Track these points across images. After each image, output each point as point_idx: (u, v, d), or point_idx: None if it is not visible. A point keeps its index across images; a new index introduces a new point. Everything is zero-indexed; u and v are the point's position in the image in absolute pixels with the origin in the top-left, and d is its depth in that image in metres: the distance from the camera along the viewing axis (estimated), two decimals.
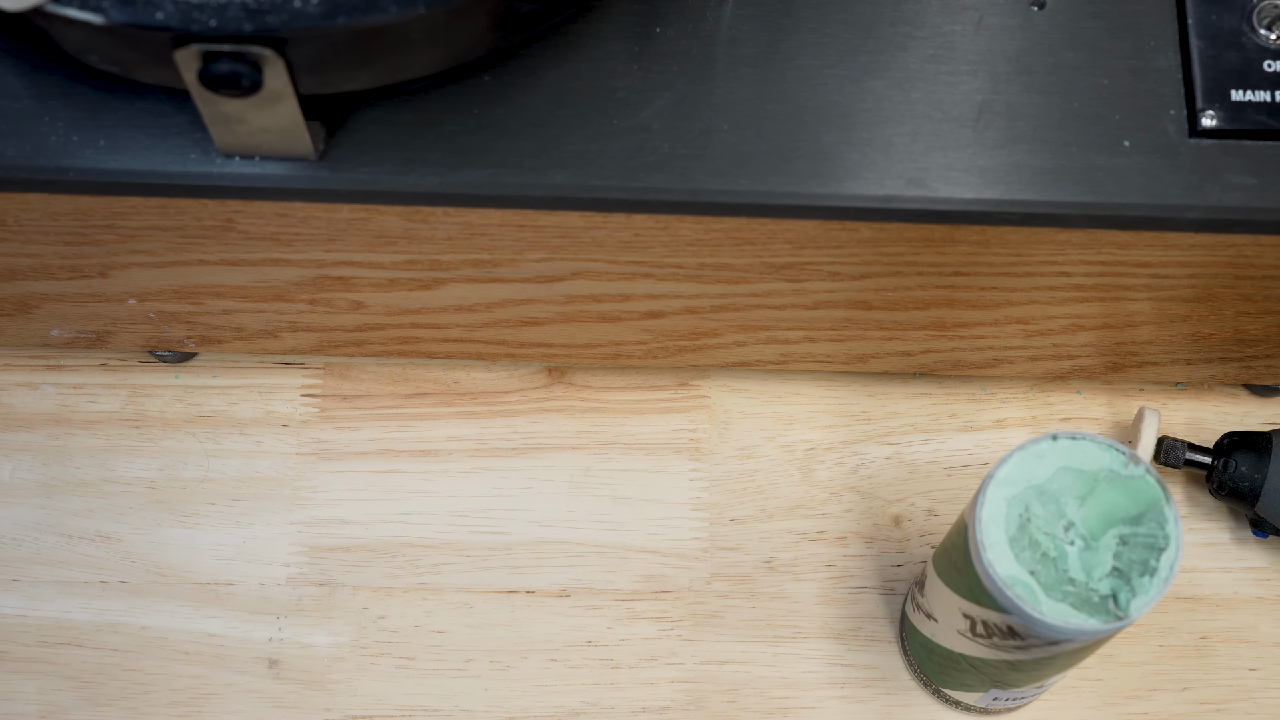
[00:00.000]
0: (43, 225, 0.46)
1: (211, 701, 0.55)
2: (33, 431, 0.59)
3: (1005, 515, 0.42)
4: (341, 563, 0.57)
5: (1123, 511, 0.42)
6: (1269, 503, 0.53)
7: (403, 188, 0.42)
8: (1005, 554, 0.41)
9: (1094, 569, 0.41)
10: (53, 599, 0.56)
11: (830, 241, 0.46)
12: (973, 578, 0.42)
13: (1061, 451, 0.42)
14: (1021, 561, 0.41)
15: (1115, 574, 0.41)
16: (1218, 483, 0.54)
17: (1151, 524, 0.41)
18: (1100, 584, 0.41)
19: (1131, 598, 0.41)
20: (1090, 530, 0.41)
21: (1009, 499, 0.42)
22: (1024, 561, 0.41)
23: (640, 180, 0.42)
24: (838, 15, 0.44)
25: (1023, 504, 0.42)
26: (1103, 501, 0.42)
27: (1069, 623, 0.41)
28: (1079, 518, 0.42)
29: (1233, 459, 0.53)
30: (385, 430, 0.59)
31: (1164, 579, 0.41)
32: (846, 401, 0.60)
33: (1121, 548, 0.41)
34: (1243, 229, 0.44)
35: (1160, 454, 0.55)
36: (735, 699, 0.56)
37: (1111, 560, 0.41)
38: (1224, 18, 0.44)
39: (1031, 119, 0.44)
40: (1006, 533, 0.41)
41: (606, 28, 0.44)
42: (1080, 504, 0.42)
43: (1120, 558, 0.41)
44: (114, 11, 0.36)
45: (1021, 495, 0.42)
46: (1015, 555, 0.41)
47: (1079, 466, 0.42)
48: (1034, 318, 0.52)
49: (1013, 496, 0.42)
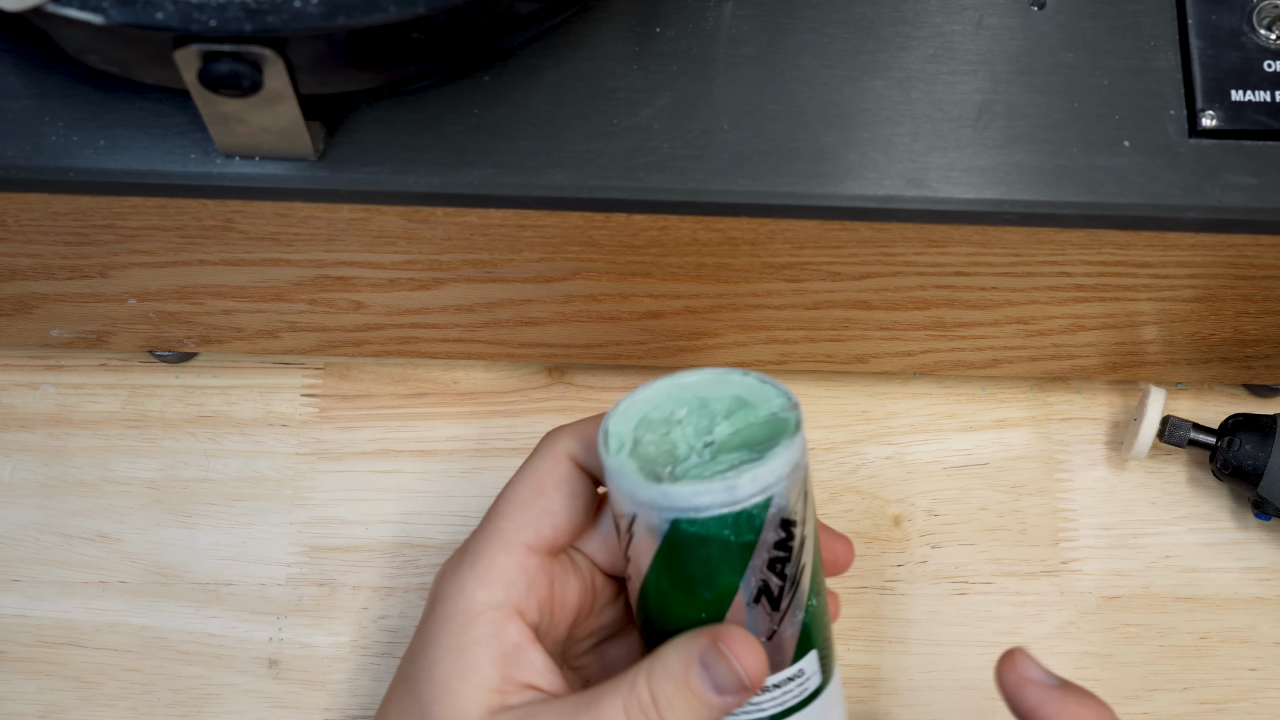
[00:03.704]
0: (43, 225, 0.46)
1: (211, 701, 0.55)
2: (33, 431, 0.59)
3: (656, 412, 0.42)
4: (341, 563, 0.57)
5: (759, 440, 0.41)
6: (1272, 482, 0.53)
7: (403, 188, 0.42)
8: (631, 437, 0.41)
9: (712, 466, 0.41)
10: (53, 599, 0.56)
11: (830, 241, 0.46)
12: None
13: (735, 384, 0.42)
14: (647, 448, 0.41)
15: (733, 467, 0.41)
16: (1221, 462, 0.54)
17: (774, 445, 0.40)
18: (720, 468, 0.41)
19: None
20: (723, 446, 0.41)
21: (670, 398, 0.42)
22: (650, 451, 0.41)
23: (640, 180, 0.42)
24: (838, 15, 0.44)
25: (680, 407, 0.42)
26: (747, 432, 0.41)
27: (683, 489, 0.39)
28: (720, 437, 0.41)
29: (1237, 438, 0.54)
30: (385, 430, 0.59)
31: (782, 459, 0.39)
32: (846, 401, 0.60)
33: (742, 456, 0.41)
34: (1243, 229, 0.44)
35: (1165, 432, 0.55)
36: None
37: (729, 463, 0.41)
38: (1224, 18, 0.44)
39: (1031, 119, 0.44)
40: (648, 431, 0.41)
41: (606, 28, 0.44)
42: (731, 427, 0.41)
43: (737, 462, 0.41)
44: (114, 11, 0.36)
45: (680, 400, 0.42)
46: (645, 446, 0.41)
47: (748, 399, 0.42)
48: (1034, 318, 0.52)
49: (676, 397, 0.42)
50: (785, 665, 0.41)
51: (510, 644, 0.41)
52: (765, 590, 0.40)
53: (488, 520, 0.44)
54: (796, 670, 0.41)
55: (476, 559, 0.43)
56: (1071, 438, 0.60)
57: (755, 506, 0.38)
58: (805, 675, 0.41)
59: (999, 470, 0.59)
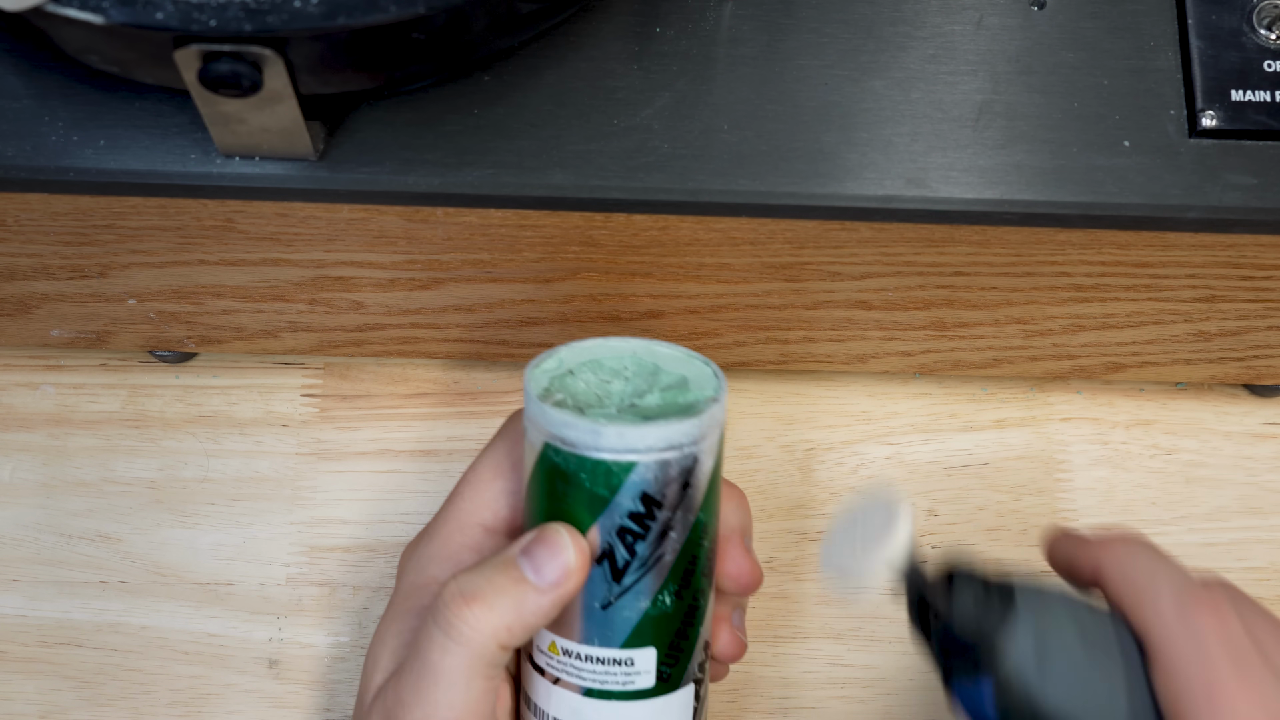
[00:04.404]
0: (43, 225, 0.46)
1: (211, 701, 0.55)
2: (33, 431, 0.59)
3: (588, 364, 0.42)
4: (341, 563, 0.57)
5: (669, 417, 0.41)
6: (1014, 650, 0.39)
7: (403, 188, 0.42)
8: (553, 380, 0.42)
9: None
10: (53, 599, 0.56)
11: (830, 241, 0.46)
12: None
13: (694, 368, 0.42)
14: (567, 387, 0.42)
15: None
16: (959, 622, 0.40)
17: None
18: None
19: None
20: (640, 411, 0.42)
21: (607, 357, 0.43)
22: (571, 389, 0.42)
23: (640, 180, 0.42)
24: (838, 15, 0.44)
25: (634, 366, 0.43)
26: (667, 409, 0.41)
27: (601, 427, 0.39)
28: (646, 404, 0.42)
29: (969, 596, 0.40)
30: (385, 430, 0.59)
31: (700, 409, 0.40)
32: (847, 401, 0.60)
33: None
34: (1243, 229, 0.44)
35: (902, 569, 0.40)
36: (735, 699, 0.56)
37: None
38: (1224, 18, 0.44)
39: (1031, 119, 0.44)
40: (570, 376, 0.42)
41: (606, 28, 0.44)
42: (659, 400, 0.42)
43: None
44: (114, 11, 0.36)
45: (640, 361, 0.43)
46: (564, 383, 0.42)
47: (690, 382, 0.42)
48: (1034, 318, 0.52)
49: (637, 357, 0.43)
50: (612, 645, 0.41)
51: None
52: (610, 555, 0.40)
53: (448, 500, 0.45)
54: (624, 656, 0.41)
55: (434, 537, 0.44)
56: (1071, 438, 0.60)
57: (616, 465, 0.39)
58: (633, 668, 0.41)
59: (999, 470, 0.59)
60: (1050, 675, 0.39)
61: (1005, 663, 0.39)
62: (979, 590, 0.40)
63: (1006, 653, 0.39)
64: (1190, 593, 0.39)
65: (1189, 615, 0.38)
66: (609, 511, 0.40)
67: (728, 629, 0.44)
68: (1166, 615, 0.39)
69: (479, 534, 0.43)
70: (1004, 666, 0.39)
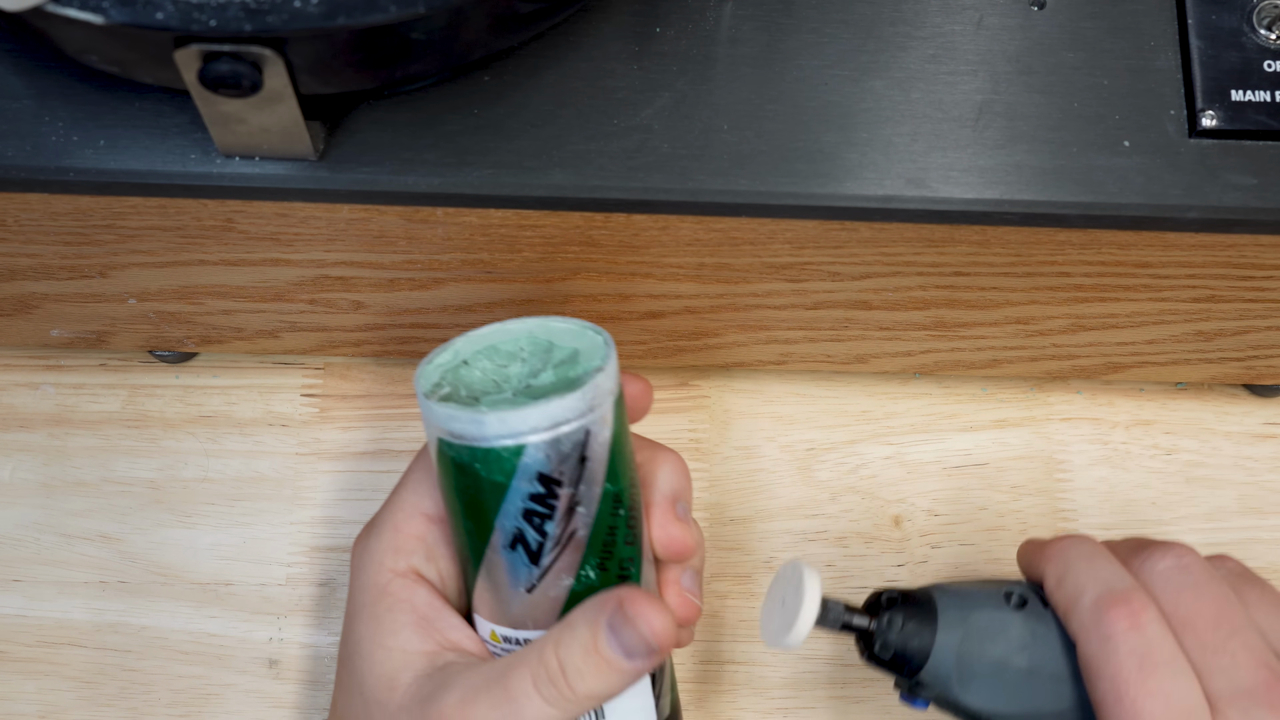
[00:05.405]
0: (43, 225, 0.46)
1: (211, 701, 0.55)
2: (33, 431, 0.59)
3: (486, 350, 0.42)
4: (341, 563, 0.57)
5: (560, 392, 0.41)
6: (938, 664, 0.43)
7: (403, 188, 0.42)
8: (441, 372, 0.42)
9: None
10: (53, 599, 0.56)
11: (830, 241, 0.46)
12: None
13: (586, 339, 0.42)
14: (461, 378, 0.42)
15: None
16: (881, 644, 0.43)
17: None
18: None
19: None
20: (535, 391, 0.41)
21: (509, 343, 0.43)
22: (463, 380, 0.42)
23: (640, 180, 0.42)
24: (838, 15, 0.44)
25: (530, 346, 0.42)
26: (560, 384, 0.41)
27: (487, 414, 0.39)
28: (540, 382, 0.42)
29: (896, 617, 0.43)
30: (385, 430, 0.59)
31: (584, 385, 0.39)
32: (846, 401, 0.60)
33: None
34: (1243, 229, 0.44)
35: (819, 615, 0.44)
36: (735, 699, 0.56)
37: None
38: (1224, 18, 0.44)
39: (1031, 119, 0.44)
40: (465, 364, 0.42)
41: (606, 28, 0.44)
42: (553, 376, 0.42)
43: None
44: (114, 11, 0.36)
45: (535, 340, 0.42)
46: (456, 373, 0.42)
47: (581, 354, 0.42)
48: (1034, 318, 0.52)
49: (533, 336, 0.42)
50: (546, 626, 0.41)
51: (423, 606, 0.42)
52: (521, 539, 0.40)
53: (392, 495, 0.45)
54: None
55: (381, 529, 0.44)
56: (1071, 438, 0.60)
57: (506, 450, 0.39)
58: None
59: (999, 470, 0.59)
60: (971, 686, 0.42)
61: (929, 677, 0.42)
62: (901, 612, 0.43)
63: (929, 668, 0.42)
64: (1108, 597, 0.40)
65: (1102, 618, 0.39)
66: (510, 497, 0.40)
67: (676, 591, 0.44)
68: (1084, 619, 0.40)
69: (423, 524, 0.43)
70: (929, 680, 0.42)
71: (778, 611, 0.43)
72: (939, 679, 0.43)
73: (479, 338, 0.43)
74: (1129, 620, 0.39)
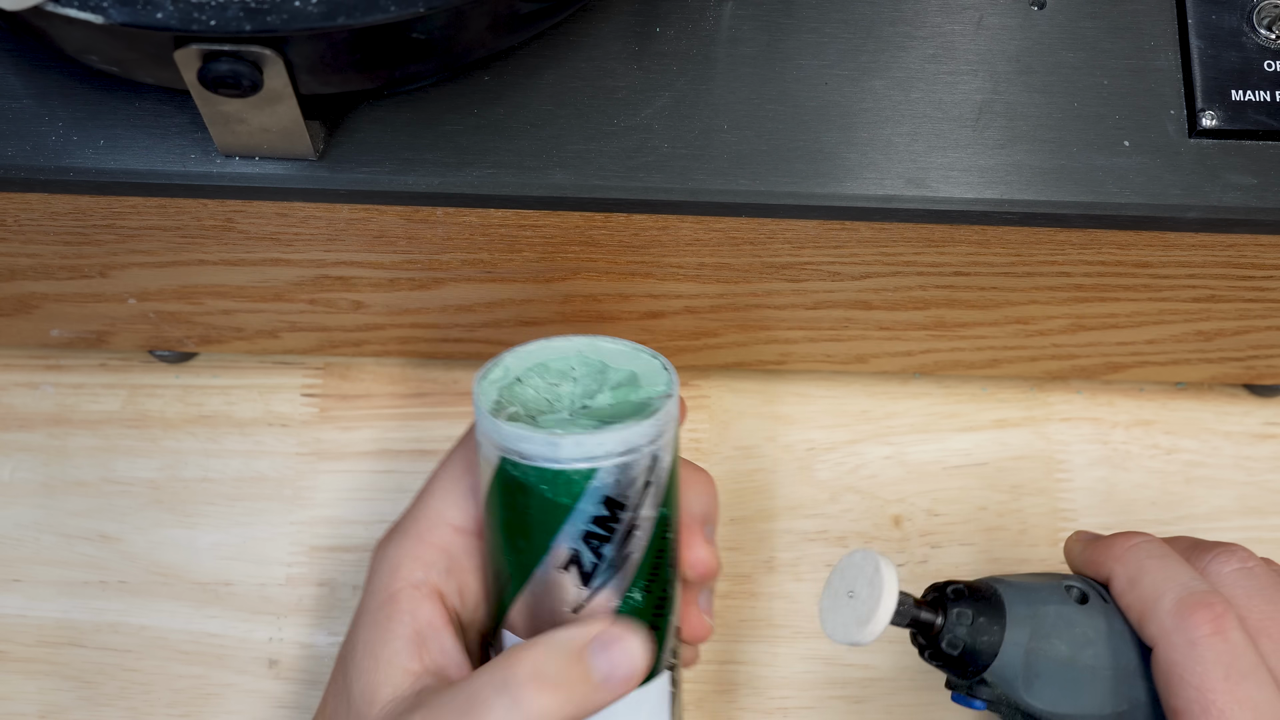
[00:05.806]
0: (43, 225, 0.46)
1: (211, 701, 0.55)
2: (33, 431, 0.59)
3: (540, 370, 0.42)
4: (341, 563, 0.57)
5: (625, 417, 0.40)
6: (1005, 664, 0.41)
7: (403, 188, 0.43)
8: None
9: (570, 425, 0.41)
10: (53, 599, 0.56)
11: (830, 241, 0.46)
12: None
13: (641, 361, 0.42)
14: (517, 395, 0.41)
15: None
16: (948, 641, 0.41)
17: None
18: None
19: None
20: (594, 413, 0.41)
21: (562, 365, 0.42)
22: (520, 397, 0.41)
23: (640, 180, 0.42)
24: (838, 15, 0.44)
25: (581, 366, 0.42)
26: (621, 407, 0.41)
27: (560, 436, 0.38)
28: (598, 404, 0.41)
29: (965, 612, 0.41)
30: (385, 430, 0.59)
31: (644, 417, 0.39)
32: (846, 401, 0.60)
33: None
34: (1243, 229, 0.44)
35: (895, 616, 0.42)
36: (735, 699, 0.56)
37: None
38: (1224, 18, 0.44)
39: (1031, 119, 0.44)
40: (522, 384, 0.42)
41: (606, 28, 0.44)
42: (611, 399, 0.41)
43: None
44: (114, 11, 0.36)
45: (586, 360, 0.42)
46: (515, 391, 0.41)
47: (640, 378, 0.42)
48: (1034, 318, 0.52)
49: (583, 356, 0.42)
50: None
51: (424, 623, 0.41)
52: (576, 561, 0.40)
53: (417, 500, 0.44)
54: None
55: (405, 535, 0.43)
56: (1071, 438, 0.60)
57: (577, 473, 0.39)
58: None
59: (999, 470, 0.59)
60: (1034, 685, 0.40)
61: (994, 676, 0.41)
62: (970, 606, 0.41)
63: (996, 667, 0.41)
64: (1190, 600, 0.39)
65: (1186, 624, 0.39)
66: (572, 519, 0.39)
67: (695, 612, 0.44)
68: (1166, 624, 0.39)
69: (449, 534, 0.43)
70: (994, 679, 0.41)
71: (845, 604, 0.41)
72: (1004, 678, 0.40)
73: (528, 354, 0.42)
74: (1212, 625, 0.39)
